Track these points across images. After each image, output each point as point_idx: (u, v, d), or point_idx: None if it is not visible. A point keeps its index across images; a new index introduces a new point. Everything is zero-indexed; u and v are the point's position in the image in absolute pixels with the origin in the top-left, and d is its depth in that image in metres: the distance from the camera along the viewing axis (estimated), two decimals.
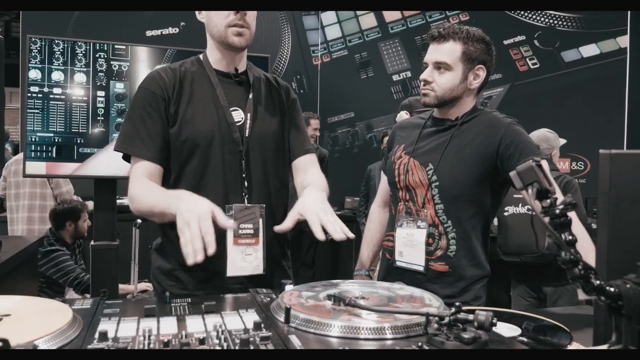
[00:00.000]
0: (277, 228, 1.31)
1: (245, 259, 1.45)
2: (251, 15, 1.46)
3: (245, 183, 1.48)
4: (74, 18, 5.28)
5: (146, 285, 3.51)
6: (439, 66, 1.65)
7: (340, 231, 1.22)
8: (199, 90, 1.50)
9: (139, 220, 3.18)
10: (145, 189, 1.41)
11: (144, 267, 2.13)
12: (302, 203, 1.32)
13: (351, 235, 1.22)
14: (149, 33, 5.54)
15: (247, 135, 1.50)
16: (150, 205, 1.37)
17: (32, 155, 2.67)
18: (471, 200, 1.62)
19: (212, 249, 1.13)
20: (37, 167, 2.68)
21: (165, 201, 1.31)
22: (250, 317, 1.03)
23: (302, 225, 1.28)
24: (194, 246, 1.13)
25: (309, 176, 1.57)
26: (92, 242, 2.81)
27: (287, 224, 1.29)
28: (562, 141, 3.40)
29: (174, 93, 1.47)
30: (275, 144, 1.56)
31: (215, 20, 1.45)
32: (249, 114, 1.51)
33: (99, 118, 2.76)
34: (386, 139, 4.21)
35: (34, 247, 2.68)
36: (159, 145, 1.45)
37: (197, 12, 1.52)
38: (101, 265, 2.76)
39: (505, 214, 3.14)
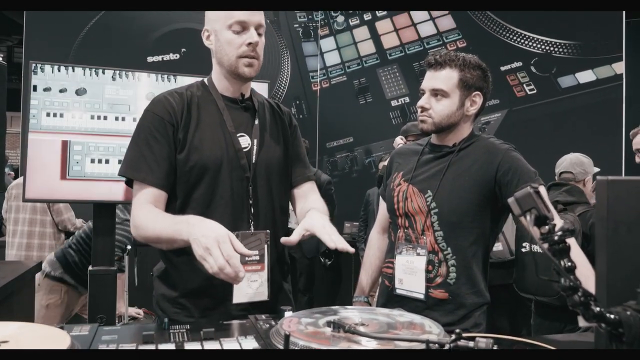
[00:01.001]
0: (284, 240, 1.35)
1: (251, 285, 1.43)
2: (261, 46, 1.47)
3: (252, 209, 1.48)
4: (76, 44, 5.34)
5: (135, 313, 3.44)
6: (436, 93, 1.67)
7: (344, 243, 1.28)
8: (206, 116, 1.49)
9: (129, 247, 3.14)
10: (152, 216, 1.38)
11: (144, 294, 2.11)
12: (308, 221, 1.38)
13: (351, 249, 1.29)
14: (150, 59, 5.60)
15: (253, 161, 1.50)
16: (158, 232, 1.35)
17: (32, 180, 2.67)
18: (471, 227, 1.62)
19: (243, 273, 1.14)
20: (37, 191, 2.67)
21: (173, 227, 1.29)
22: (249, 343, 1.03)
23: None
24: (226, 272, 1.13)
25: (309, 202, 1.58)
26: (90, 267, 2.79)
27: (295, 237, 1.34)
28: (596, 169, 3.16)
29: (182, 118, 1.45)
30: (279, 171, 1.56)
31: (227, 50, 1.45)
32: (255, 140, 1.51)
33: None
34: (381, 164, 4.25)
35: (32, 272, 2.66)
36: (165, 170, 1.42)
37: (204, 38, 1.52)
38: (99, 291, 2.74)
39: (523, 250, 2.87)
